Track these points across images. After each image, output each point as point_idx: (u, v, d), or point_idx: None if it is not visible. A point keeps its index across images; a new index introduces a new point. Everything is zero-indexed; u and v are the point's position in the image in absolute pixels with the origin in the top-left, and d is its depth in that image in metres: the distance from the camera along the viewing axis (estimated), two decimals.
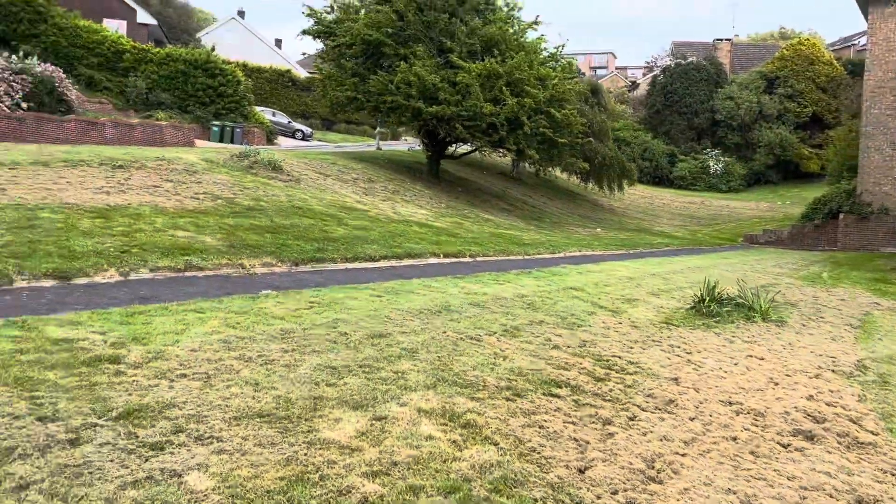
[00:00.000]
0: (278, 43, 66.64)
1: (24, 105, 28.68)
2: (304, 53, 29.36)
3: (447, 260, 14.26)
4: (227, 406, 4.76)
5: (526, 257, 16.43)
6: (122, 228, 10.59)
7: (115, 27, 43.16)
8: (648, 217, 37.60)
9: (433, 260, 14.01)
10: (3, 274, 7.90)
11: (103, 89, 37.95)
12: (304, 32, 27.57)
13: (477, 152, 30.12)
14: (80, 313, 6.74)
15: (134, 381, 5.00)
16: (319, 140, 51.32)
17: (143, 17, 45.36)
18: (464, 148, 30.24)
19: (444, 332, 7.42)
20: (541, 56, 26.20)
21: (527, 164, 32.46)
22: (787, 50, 51.73)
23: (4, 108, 28.06)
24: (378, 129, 39.61)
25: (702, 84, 52.47)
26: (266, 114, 45.40)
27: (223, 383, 5.17)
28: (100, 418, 4.32)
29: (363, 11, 26.62)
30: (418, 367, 6.12)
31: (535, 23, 26.07)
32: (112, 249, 9.53)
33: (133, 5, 45.16)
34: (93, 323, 6.34)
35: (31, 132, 28.59)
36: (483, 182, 33.01)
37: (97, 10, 43.66)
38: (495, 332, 7.71)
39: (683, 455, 4.96)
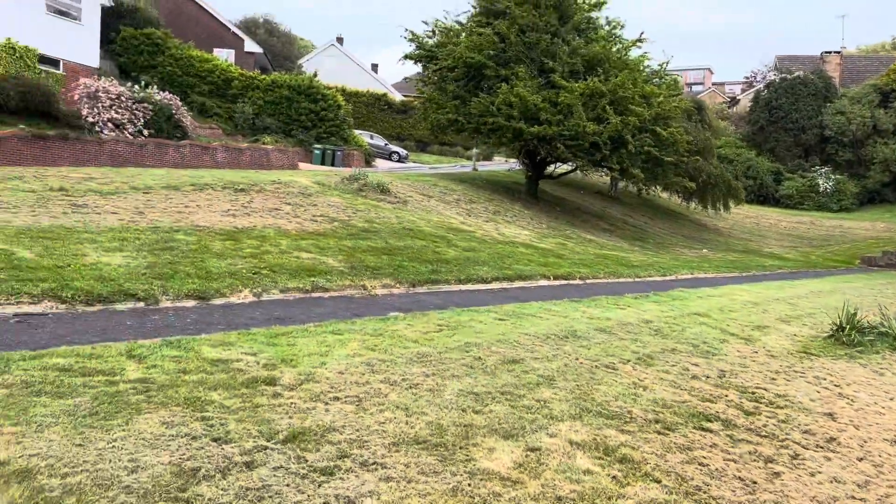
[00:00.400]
0: (374, 67, 68.37)
1: (145, 132, 30.54)
2: (405, 79, 29.86)
3: (557, 282, 14.08)
4: (384, 431, 4.80)
5: (637, 280, 16.03)
6: (251, 250, 11.00)
7: (224, 56, 45.42)
8: (755, 238, 36.09)
9: (543, 282, 13.86)
10: (150, 295, 8.33)
11: (213, 115, 39.92)
12: (406, 57, 28.14)
13: (576, 172, 29.80)
14: (228, 334, 7.00)
15: (291, 403, 5.12)
16: (414, 161, 52.16)
17: (251, 46, 47.56)
18: (563, 168, 29.99)
19: (577, 359, 7.28)
20: (644, 73, 25.73)
21: (628, 184, 31.81)
22: None
23: (128, 135, 29.95)
24: (474, 150, 39.79)
25: (809, 99, 50.14)
26: (364, 137, 46.55)
27: (375, 407, 5.22)
28: (268, 441, 4.43)
29: (464, 35, 26.94)
30: (559, 396, 6.01)
31: (640, 40, 25.71)
32: (244, 271, 9.90)
33: (241, 35, 47.43)
34: (242, 344, 6.56)
35: (151, 156, 30.36)
36: (581, 202, 32.58)
37: (209, 40, 46.09)
38: (629, 361, 7.50)
39: (862, 500, 4.63)
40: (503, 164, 49.99)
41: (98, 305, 7.83)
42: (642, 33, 25.59)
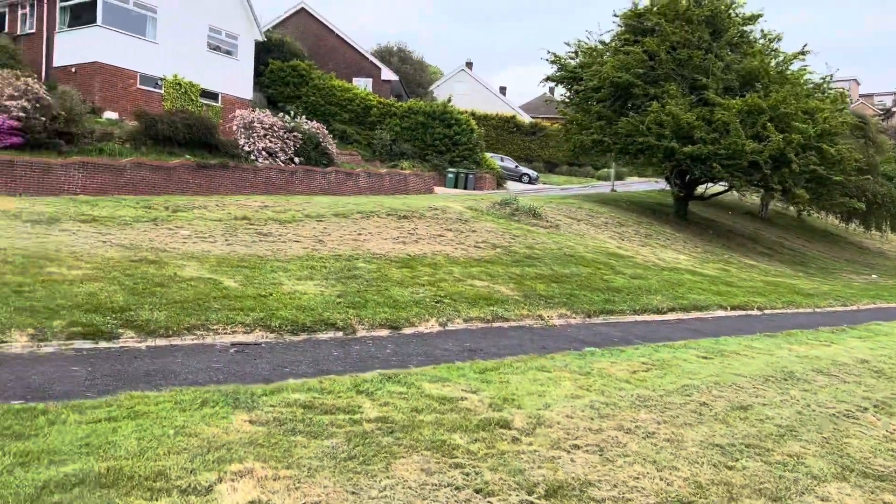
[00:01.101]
0: (503, 90, 68.74)
1: (295, 159, 32.03)
2: (546, 100, 29.38)
3: (734, 313, 13.25)
4: (641, 488, 4.47)
5: (817, 310, 14.84)
6: (427, 278, 11.04)
7: (362, 85, 47.06)
8: None
9: (720, 312, 13.08)
10: (347, 324, 8.45)
11: (353, 142, 41.33)
12: (548, 79, 27.94)
13: (729, 192, 28.33)
14: (437, 367, 6.94)
15: (534, 451, 4.89)
16: (544, 183, 51.72)
17: (387, 74, 49.02)
18: (714, 188, 28.61)
19: (808, 406, 6.65)
20: (806, 87, 24.12)
21: (788, 205, 29.84)
22: None
23: (280, 163, 31.52)
24: (612, 170, 38.92)
25: None
26: (495, 159, 46.71)
27: (620, 458, 4.91)
28: (529, 495, 4.22)
29: (607, 55, 26.40)
30: (810, 451, 5.46)
31: (802, 53, 24.13)
32: (427, 299, 9.91)
33: (378, 64, 48.95)
34: (456, 380, 6.45)
35: (300, 182, 31.73)
36: (731, 223, 30.93)
37: (347, 70, 47.89)
38: (866, 409, 6.77)
39: None
40: (641, 184, 48.59)
41: (303, 335, 8.01)
42: (805, 46, 24.11)
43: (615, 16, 27.10)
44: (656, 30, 24.60)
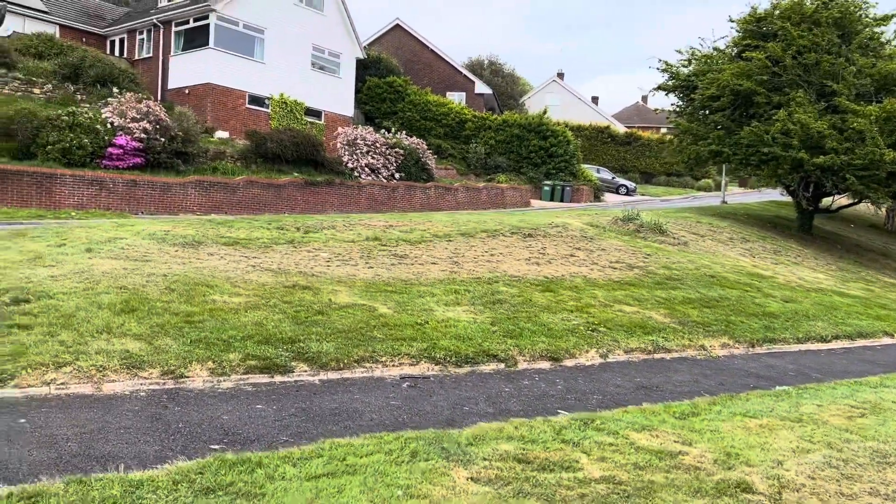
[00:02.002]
0: (595, 100, 67.49)
1: (397, 175, 32.11)
2: (671, 113, 28.29)
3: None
4: None
5: None
6: (573, 303, 10.47)
7: (457, 99, 47.03)
8: None
9: (886, 340, 11.94)
10: (509, 356, 7.99)
11: (448, 156, 41.20)
12: (659, 88, 26.88)
13: (859, 204, 26.49)
14: (627, 410, 6.36)
15: None
16: (642, 194, 50.23)
17: (481, 87, 48.82)
18: (840, 200, 26.83)
19: None
20: None
21: None
22: None
23: (382, 179, 31.65)
24: (724, 182, 37.30)
25: None
26: (591, 170, 45.67)
27: None
28: None
29: (721, 62, 25.20)
30: None
31: None
32: (581, 327, 9.35)
33: (472, 77, 48.84)
34: (658, 426, 5.86)
35: (402, 198, 31.77)
36: (856, 237, 28.95)
37: (441, 84, 47.96)
38: None
39: None
40: (747, 195, 46.46)
41: (466, 367, 7.59)
42: None
43: (731, 21, 25.90)
44: (779, 34, 23.27)
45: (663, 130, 72.93)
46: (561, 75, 65.31)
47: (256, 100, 31.19)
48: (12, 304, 6.93)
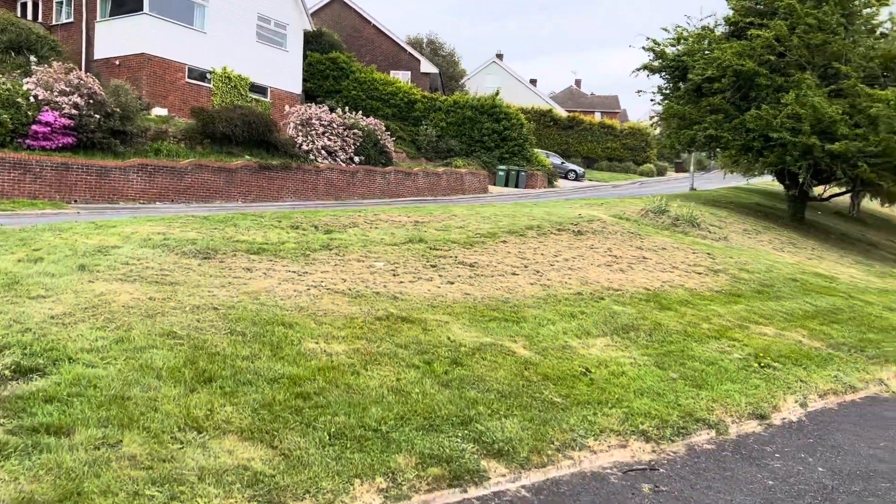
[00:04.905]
0: (533, 82, 65.95)
1: (356, 158, 29.26)
2: (653, 98, 26.64)
3: None
4: None
5: None
6: (706, 325, 8.39)
7: (402, 78, 44.29)
8: None
9: None
10: (715, 417, 5.80)
11: (397, 139, 38.45)
12: (645, 68, 25.17)
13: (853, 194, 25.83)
14: None
15: None
16: (590, 180, 49.19)
17: (427, 66, 46.18)
18: (832, 189, 26.06)
19: None
20: None
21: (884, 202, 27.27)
22: None
23: (340, 163, 28.75)
24: (692, 166, 36.41)
25: None
26: (542, 155, 44.11)
27: None
28: None
29: (707, 41, 23.76)
30: None
31: None
32: (751, 363, 7.26)
33: (417, 56, 46.19)
34: None
35: (361, 184, 29.04)
36: (833, 224, 28.37)
37: (385, 62, 45.09)
38: None
39: None
40: (710, 181, 45.72)
41: (678, 441, 5.36)
42: None
43: None
44: (780, 11, 21.95)
45: (598, 115, 72.47)
46: (500, 56, 63.36)
47: (197, 73, 27.57)
48: (18, 378, 4.14)
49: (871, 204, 34.83)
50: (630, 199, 21.34)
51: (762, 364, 7.30)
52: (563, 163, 48.51)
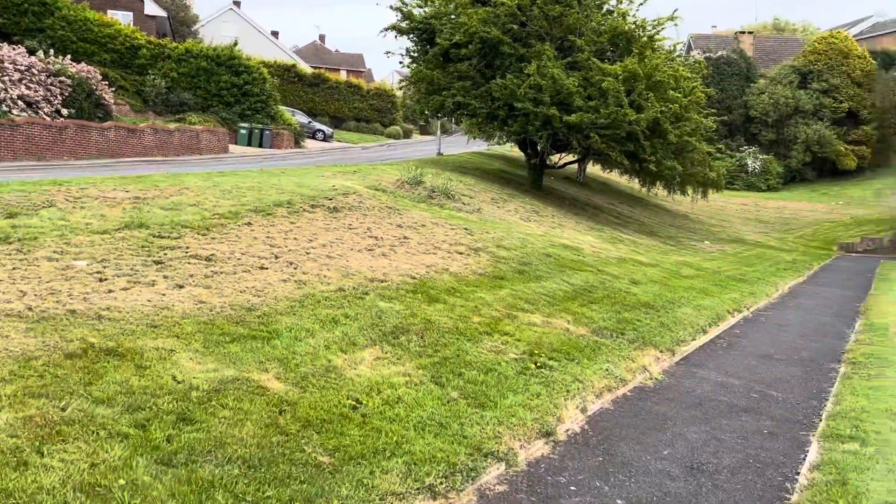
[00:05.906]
0: (275, 34, 62.36)
1: (64, 111, 24.82)
2: (402, 61, 25.85)
3: (737, 318, 11.66)
4: None
5: (771, 301, 13.97)
6: (476, 318, 7.67)
7: (122, 20, 38.91)
8: (723, 223, 35.57)
9: (731, 319, 11.40)
10: (504, 446, 5.00)
11: (118, 89, 33.89)
12: (393, 28, 24.35)
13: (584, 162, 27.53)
14: None
15: None
16: (339, 141, 47.95)
17: (152, 8, 41.06)
18: (566, 157, 27.56)
19: None
20: (670, 54, 23.66)
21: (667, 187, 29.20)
22: (819, 44, 50.23)
23: (44, 116, 24.17)
24: (438, 130, 36.66)
25: (733, 79, 50.74)
26: (288, 113, 41.92)
27: None
28: None
29: (454, 5, 23.58)
30: None
31: (672, 18, 23.24)
32: (526, 362, 6.65)
33: None
34: None
35: (73, 142, 24.88)
36: (565, 190, 30.35)
37: (100, 1, 39.29)
38: None
39: None
40: (454, 145, 46.59)
41: (469, 487, 4.45)
42: (675, 10, 23.20)
43: None
44: None
45: (343, 74, 71.05)
46: (238, 3, 58.79)
47: None
48: None
49: (593, 169, 37.99)
50: (383, 166, 20.52)
51: (538, 364, 6.74)
52: (310, 122, 46.58)
